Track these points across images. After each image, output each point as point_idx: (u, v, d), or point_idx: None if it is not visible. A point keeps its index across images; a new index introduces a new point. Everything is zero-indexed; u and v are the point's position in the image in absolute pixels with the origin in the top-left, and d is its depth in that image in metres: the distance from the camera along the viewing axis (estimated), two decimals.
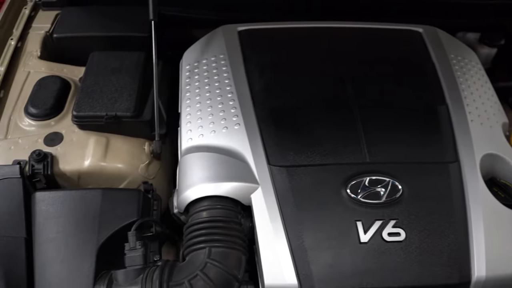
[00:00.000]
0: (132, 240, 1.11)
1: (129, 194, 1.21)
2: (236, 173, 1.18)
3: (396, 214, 1.12)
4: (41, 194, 1.20)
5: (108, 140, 1.42)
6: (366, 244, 1.08)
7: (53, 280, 1.07)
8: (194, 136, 1.30)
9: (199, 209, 1.15)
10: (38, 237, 1.14)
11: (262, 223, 1.11)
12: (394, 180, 1.16)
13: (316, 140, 1.25)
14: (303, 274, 1.05)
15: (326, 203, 1.14)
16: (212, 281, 1.02)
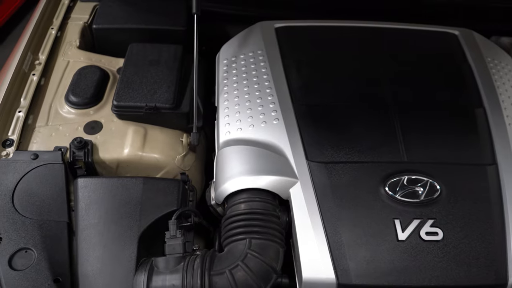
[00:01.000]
0: (172, 229, 1.14)
1: (169, 184, 1.24)
2: (275, 167, 1.20)
3: (434, 213, 1.13)
4: (84, 180, 1.23)
5: (146, 131, 1.45)
6: (404, 242, 1.09)
7: (96, 264, 1.10)
8: (232, 130, 1.32)
9: (238, 201, 1.17)
10: (81, 222, 1.17)
11: (300, 217, 1.13)
12: (433, 180, 1.17)
13: (354, 138, 1.26)
14: (340, 269, 1.07)
15: (364, 200, 1.15)
16: (252, 272, 1.04)
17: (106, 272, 1.09)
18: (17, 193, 1.22)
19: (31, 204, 1.21)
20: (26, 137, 1.42)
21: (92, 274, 1.09)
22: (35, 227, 1.16)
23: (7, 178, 1.25)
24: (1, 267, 1.08)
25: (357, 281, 1.06)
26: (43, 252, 1.11)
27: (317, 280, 1.07)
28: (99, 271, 1.09)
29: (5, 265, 1.08)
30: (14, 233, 1.14)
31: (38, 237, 1.14)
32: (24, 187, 1.24)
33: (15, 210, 1.19)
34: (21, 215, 1.18)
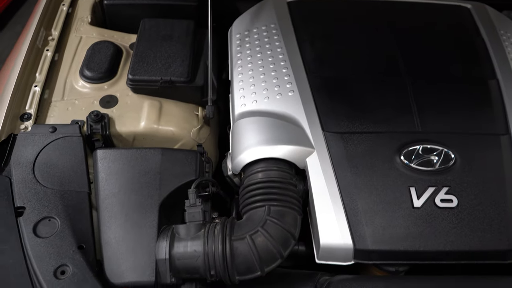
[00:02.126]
0: (192, 197, 1.16)
1: (187, 155, 1.26)
2: (292, 136, 1.22)
3: (449, 181, 1.15)
4: (103, 152, 1.25)
5: (161, 104, 1.47)
6: (419, 209, 1.12)
7: (118, 231, 1.13)
8: (247, 102, 1.34)
9: (256, 171, 1.20)
10: (102, 192, 1.19)
11: (317, 185, 1.15)
12: (447, 149, 1.19)
13: (369, 109, 1.28)
14: (357, 235, 1.10)
15: (380, 168, 1.17)
16: (272, 237, 1.06)
17: (128, 239, 1.11)
18: (38, 165, 1.24)
19: (51, 176, 1.23)
20: (43, 111, 1.43)
21: (115, 241, 1.11)
22: (57, 197, 1.18)
23: (27, 151, 1.27)
24: (27, 235, 1.10)
25: (373, 246, 1.09)
26: (66, 221, 1.14)
27: (335, 246, 1.10)
28: (121, 238, 1.12)
29: (30, 233, 1.11)
30: (37, 203, 1.16)
31: (61, 206, 1.16)
32: (44, 159, 1.26)
33: (37, 181, 1.21)
34: (42, 185, 1.20)
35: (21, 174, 1.22)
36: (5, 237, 1.11)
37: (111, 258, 1.10)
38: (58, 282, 1.03)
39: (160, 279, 1.07)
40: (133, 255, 1.09)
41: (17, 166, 1.23)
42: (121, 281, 1.07)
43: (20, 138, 1.30)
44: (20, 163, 1.24)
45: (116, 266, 1.08)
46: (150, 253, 1.09)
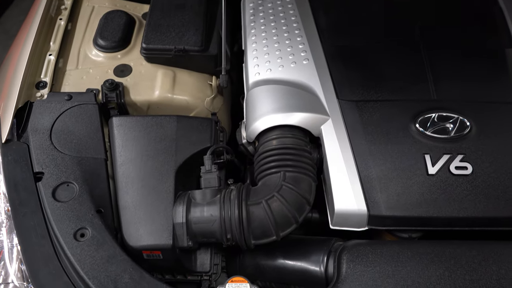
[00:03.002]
0: (208, 163, 1.17)
1: (202, 122, 1.27)
2: (306, 104, 1.22)
3: (464, 149, 1.15)
4: (119, 119, 1.27)
5: (175, 74, 1.47)
6: (433, 176, 1.12)
7: (135, 196, 1.15)
8: (261, 71, 1.34)
9: (270, 138, 1.20)
10: (119, 158, 1.21)
11: (332, 152, 1.16)
12: (463, 117, 1.19)
13: (384, 77, 1.28)
14: (371, 201, 1.11)
15: (395, 136, 1.17)
16: (288, 202, 1.08)
17: (146, 204, 1.13)
18: (54, 132, 1.26)
19: (68, 142, 1.24)
20: (58, 80, 1.44)
21: (132, 206, 1.13)
22: (74, 163, 1.20)
23: (44, 118, 1.28)
24: (46, 199, 1.13)
25: (387, 212, 1.10)
26: (84, 186, 1.15)
27: (349, 212, 1.11)
28: (139, 203, 1.14)
29: (49, 197, 1.13)
30: (55, 168, 1.18)
31: (78, 172, 1.18)
32: (61, 126, 1.27)
33: (54, 147, 1.23)
34: (60, 152, 1.22)
35: (39, 140, 1.24)
36: (26, 201, 1.13)
37: (129, 222, 1.12)
38: (78, 244, 1.05)
39: (177, 242, 1.09)
40: (151, 220, 1.11)
41: (35, 133, 1.25)
42: (139, 244, 1.09)
43: (37, 106, 1.31)
44: (37, 130, 1.25)
45: (134, 230, 1.11)
46: (167, 217, 1.11)
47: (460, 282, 0.97)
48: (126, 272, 1.02)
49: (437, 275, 0.98)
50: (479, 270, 0.98)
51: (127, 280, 1.01)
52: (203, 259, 1.22)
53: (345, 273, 1.00)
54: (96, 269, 1.02)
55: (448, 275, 0.98)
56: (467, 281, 0.97)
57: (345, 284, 0.98)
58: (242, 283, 1.01)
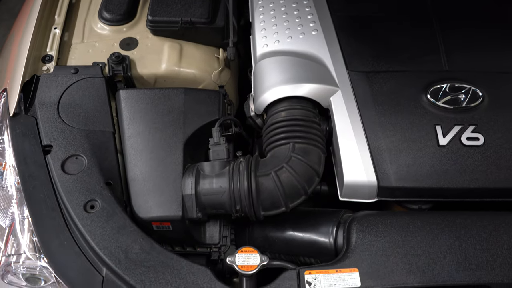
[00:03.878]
0: (216, 136, 1.17)
1: (210, 95, 1.26)
2: (316, 75, 1.21)
3: (476, 120, 1.14)
4: (126, 92, 1.26)
5: (182, 47, 1.45)
6: (444, 147, 1.11)
7: (144, 168, 1.15)
8: (269, 43, 1.32)
9: (279, 110, 1.19)
10: (127, 131, 1.20)
11: (341, 123, 1.15)
12: (475, 88, 1.17)
13: (395, 48, 1.26)
14: (381, 172, 1.10)
15: (406, 107, 1.16)
16: (297, 173, 1.07)
17: (155, 176, 1.13)
18: (62, 105, 1.25)
19: (76, 116, 1.24)
20: (64, 54, 1.43)
21: (141, 177, 1.13)
22: (82, 136, 1.20)
23: (51, 92, 1.28)
24: (55, 172, 1.13)
25: (397, 183, 1.09)
26: (93, 158, 1.15)
27: (359, 183, 1.11)
28: (147, 175, 1.14)
29: (58, 170, 1.13)
30: (63, 141, 1.18)
31: (87, 145, 1.18)
32: (68, 99, 1.27)
33: (62, 121, 1.22)
34: (68, 125, 1.21)
35: (46, 114, 1.23)
36: (35, 173, 1.13)
37: (138, 194, 1.12)
38: (88, 216, 1.06)
39: (187, 214, 1.10)
40: (160, 191, 1.11)
41: (42, 106, 1.24)
42: (149, 215, 1.09)
43: (43, 80, 1.30)
44: (44, 103, 1.25)
45: (143, 202, 1.11)
46: (176, 189, 1.11)
47: (470, 251, 0.97)
48: (136, 243, 1.03)
49: (447, 245, 0.98)
50: (489, 240, 0.98)
51: (137, 250, 1.02)
52: (212, 231, 1.23)
53: (355, 243, 1.00)
54: (107, 240, 1.03)
55: (459, 244, 0.98)
56: (478, 251, 0.97)
57: (354, 253, 0.98)
58: (252, 253, 1.02)
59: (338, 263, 0.97)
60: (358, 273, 0.95)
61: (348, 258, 0.97)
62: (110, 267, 0.99)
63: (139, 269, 0.99)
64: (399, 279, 0.94)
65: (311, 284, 0.94)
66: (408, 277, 0.94)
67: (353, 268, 0.96)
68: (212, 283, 0.97)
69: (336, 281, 0.94)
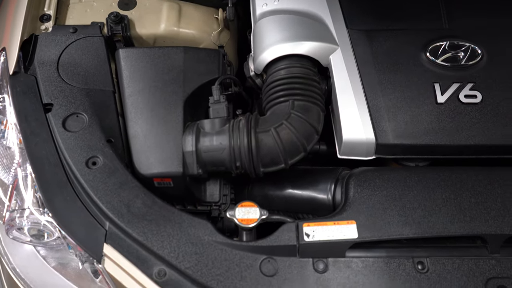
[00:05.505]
0: (216, 94, 1.17)
1: (210, 53, 1.25)
2: (315, 33, 1.20)
3: (474, 77, 1.14)
4: (126, 50, 1.25)
5: (181, 7, 1.44)
6: (442, 104, 1.12)
7: (145, 126, 1.15)
8: (268, 2, 1.30)
9: (278, 68, 1.19)
10: (127, 90, 1.21)
11: (341, 81, 1.15)
12: (474, 45, 1.17)
13: (395, 6, 1.25)
14: (380, 130, 1.11)
15: (405, 65, 1.16)
16: (297, 130, 1.08)
17: (155, 133, 1.14)
18: (61, 65, 1.25)
19: (76, 74, 1.23)
20: (62, 13, 1.42)
21: (142, 134, 1.14)
22: (82, 94, 1.20)
23: (50, 51, 1.27)
24: (57, 129, 1.13)
25: (395, 140, 1.10)
26: (94, 116, 1.16)
27: (357, 140, 1.12)
28: (148, 132, 1.14)
29: (60, 127, 1.14)
30: (63, 100, 1.18)
31: (87, 103, 1.18)
32: (67, 59, 1.26)
33: (62, 80, 1.22)
34: (68, 84, 1.21)
35: (46, 73, 1.23)
36: (37, 131, 1.14)
37: (139, 151, 1.13)
38: (90, 171, 1.07)
39: (187, 170, 1.11)
40: (161, 148, 1.12)
41: (41, 65, 1.24)
42: (150, 172, 1.11)
43: (42, 39, 1.29)
44: (44, 62, 1.25)
45: (144, 159, 1.12)
46: (177, 146, 1.12)
47: (465, 204, 0.99)
48: (138, 198, 1.05)
49: (443, 198, 1.00)
50: (484, 193, 1.00)
51: (139, 205, 1.04)
52: (213, 189, 1.25)
53: (353, 197, 1.02)
54: (109, 195, 1.04)
55: (454, 197, 1.00)
56: (472, 204, 0.99)
57: (352, 207, 1.00)
58: (252, 207, 1.04)
59: (336, 216, 0.99)
60: (355, 225, 0.97)
61: (345, 211, 1.00)
62: (113, 220, 1.01)
63: (141, 222, 1.01)
64: (395, 231, 0.96)
65: (310, 235, 0.97)
66: (404, 229, 0.96)
67: (350, 220, 0.98)
68: (213, 235, 0.99)
69: (334, 232, 0.96)
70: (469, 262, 0.94)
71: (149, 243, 0.98)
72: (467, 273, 0.93)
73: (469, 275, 0.92)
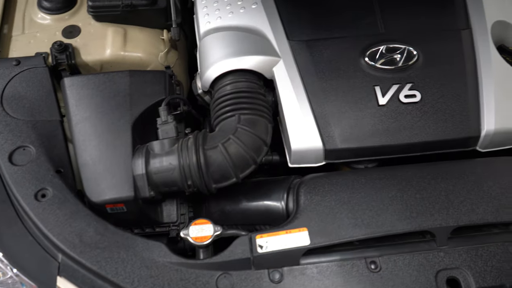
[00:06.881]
0: (163, 114, 1.17)
1: (155, 75, 1.26)
2: (257, 47, 1.23)
3: (412, 78, 1.18)
4: (70, 79, 1.25)
5: (126, 31, 1.45)
6: (384, 106, 1.16)
7: (94, 152, 1.14)
8: (211, 19, 1.32)
9: (224, 84, 1.21)
10: (74, 118, 1.20)
11: (285, 92, 1.18)
12: (410, 47, 1.21)
13: (332, 15, 1.29)
14: (326, 136, 1.13)
15: (346, 71, 1.19)
16: (245, 144, 1.09)
17: (105, 159, 1.13)
18: (6, 98, 1.23)
19: (21, 107, 1.22)
20: (5, 47, 1.41)
21: (91, 162, 1.13)
22: (29, 126, 1.18)
23: None
24: (3, 164, 1.12)
25: (342, 145, 1.13)
26: (41, 148, 1.15)
27: (306, 149, 1.14)
28: (97, 159, 1.13)
29: (6, 162, 1.12)
30: (9, 134, 1.17)
31: (34, 135, 1.17)
32: (11, 92, 1.25)
33: (7, 114, 1.20)
34: (13, 117, 1.20)
35: None
36: None
37: (89, 179, 1.12)
38: (40, 204, 1.06)
39: (139, 193, 1.10)
40: (111, 174, 1.11)
41: None
42: (101, 198, 1.09)
43: None
44: None
45: (95, 186, 1.11)
46: (127, 170, 1.11)
47: (411, 201, 1.02)
48: (90, 226, 1.03)
49: (390, 197, 1.02)
50: (428, 189, 1.03)
51: (91, 233, 1.02)
52: (170, 210, 1.24)
53: (303, 205, 1.03)
54: (60, 226, 1.03)
55: (400, 195, 1.03)
56: (418, 199, 1.02)
57: (303, 214, 1.02)
58: (205, 225, 1.04)
59: (288, 225, 1.00)
60: (307, 232, 0.98)
61: (297, 219, 1.01)
62: (65, 252, 1.00)
63: (94, 251, 1.00)
64: (346, 234, 0.98)
65: (263, 247, 0.97)
66: (354, 231, 0.98)
67: (302, 227, 0.99)
68: (168, 256, 0.99)
69: (287, 241, 0.97)
70: (419, 257, 0.96)
71: (103, 271, 0.97)
72: (417, 267, 0.95)
73: (420, 269, 0.95)
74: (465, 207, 1.01)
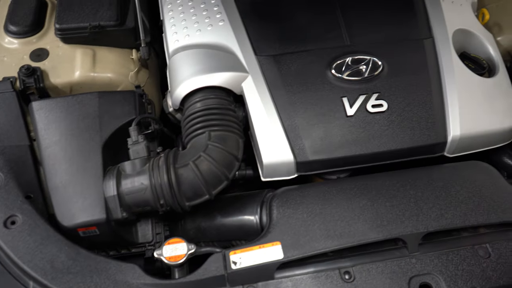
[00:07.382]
0: (134, 134, 1.17)
1: (125, 95, 1.26)
2: (226, 63, 1.24)
3: (378, 88, 1.21)
4: (38, 103, 1.24)
5: (94, 52, 1.44)
6: (352, 117, 1.18)
7: (64, 176, 1.13)
8: (180, 38, 1.33)
9: (194, 101, 1.21)
10: (43, 142, 1.18)
11: (255, 107, 1.19)
12: (375, 58, 1.24)
13: (299, 28, 1.31)
14: (297, 149, 1.15)
15: (314, 84, 1.21)
16: (216, 161, 1.10)
17: (74, 182, 1.12)
18: None
19: None
20: None
21: (62, 185, 1.12)
22: None
23: None
24: None
25: (313, 157, 1.14)
26: (10, 174, 1.13)
27: (277, 162, 1.15)
28: (68, 182, 1.12)
29: None
30: None
31: (2, 161, 1.15)
32: None
33: None
34: None
35: None
36: None
37: (60, 203, 1.11)
38: (9, 232, 1.04)
39: (112, 215, 1.09)
40: (82, 197, 1.10)
41: None
42: (73, 222, 1.08)
43: None
44: None
45: (66, 210, 1.10)
46: (98, 192, 1.10)
47: (382, 209, 1.03)
48: (62, 251, 1.02)
49: (361, 206, 1.03)
50: (398, 196, 1.05)
51: (63, 258, 1.01)
52: (145, 230, 1.23)
53: (276, 218, 1.04)
54: (31, 253, 1.01)
55: (371, 204, 1.04)
56: (388, 207, 1.03)
57: (276, 228, 1.02)
58: (179, 243, 1.04)
59: (261, 239, 1.01)
60: (280, 245, 0.99)
61: (270, 233, 1.01)
62: (36, 279, 0.98)
63: (66, 276, 0.98)
64: (319, 245, 0.99)
65: (237, 263, 0.97)
66: (327, 242, 0.99)
67: (275, 241, 0.99)
68: (141, 278, 0.98)
69: (260, 256, 0.98)
70: (392, 264, 0.97)
71: None
72: (390, 275, 0.96)
73: (393, 277, 0.96)
74: (434, 213, 1.02)
